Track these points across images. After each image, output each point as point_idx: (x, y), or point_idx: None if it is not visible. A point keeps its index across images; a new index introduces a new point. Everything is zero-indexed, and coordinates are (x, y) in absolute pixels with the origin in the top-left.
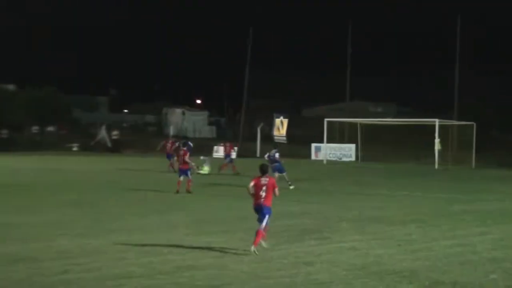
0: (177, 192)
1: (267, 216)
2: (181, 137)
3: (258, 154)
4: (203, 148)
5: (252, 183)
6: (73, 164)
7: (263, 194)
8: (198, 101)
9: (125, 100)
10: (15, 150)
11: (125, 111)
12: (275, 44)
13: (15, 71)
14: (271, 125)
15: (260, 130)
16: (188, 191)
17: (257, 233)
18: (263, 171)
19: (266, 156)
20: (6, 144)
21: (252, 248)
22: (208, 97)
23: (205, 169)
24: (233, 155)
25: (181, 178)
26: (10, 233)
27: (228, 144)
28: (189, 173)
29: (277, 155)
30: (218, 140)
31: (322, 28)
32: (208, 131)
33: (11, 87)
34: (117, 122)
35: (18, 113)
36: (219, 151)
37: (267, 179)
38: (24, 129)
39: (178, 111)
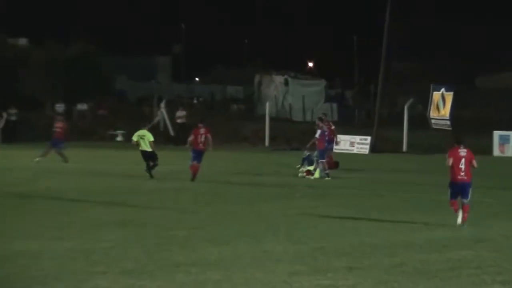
0: None
1: (470, 191)
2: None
3: (404, 146)
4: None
5: (449, 156)
6: (117, 163)
7: (462, 167)
8: (310, 65)
9: (195, 63)
10: (27, 140)
11: (197, 79)
12: None
13: (29, 20)
14: (426, 101)
15: (408, 109)
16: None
17: (463, 207)
18: (459, 141)
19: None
20: (13, 130)
21: (459, 220)
22: (326, 59)
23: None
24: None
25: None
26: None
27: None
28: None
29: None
30: (341, 124)
31: None
32: (325, 111)
33: (23, 42)
34: (183, 97)
35: (34, 82)
36: (340, 144)
37: (465, 150)
38: (42, 108)
39: (279, 79)
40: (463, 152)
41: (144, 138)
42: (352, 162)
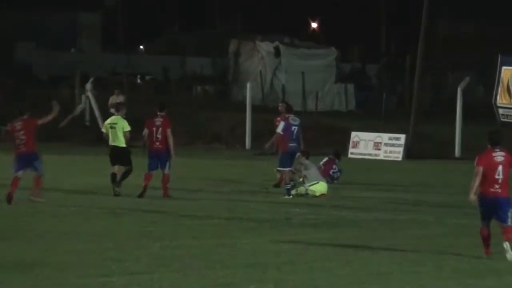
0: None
1: (510, 212)
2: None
3: (456, 150)
4: (328, 134)
5: (478, 163)
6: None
7: (499, 177)
8: (314, 26)
9: (139, 23)
10: None
11: (141, 48)
12: None
13: None
14: (490, 82)
15: (463, 93)
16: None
17: (506, 231)
18: (494, 141)
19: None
20: None
21: (509, 255)
22: (337, 18)
23: (316, 188)
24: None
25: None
26: None
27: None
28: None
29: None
30: (360, 116)
31: None
32: (336, 95)
33: None
34: (121, 74)
35: None
36: (359, 146)
37: (503, 154)
38: None
39: (266, 47)
40: (499, 156)
41: (116, 127)
42: (377, 173)
